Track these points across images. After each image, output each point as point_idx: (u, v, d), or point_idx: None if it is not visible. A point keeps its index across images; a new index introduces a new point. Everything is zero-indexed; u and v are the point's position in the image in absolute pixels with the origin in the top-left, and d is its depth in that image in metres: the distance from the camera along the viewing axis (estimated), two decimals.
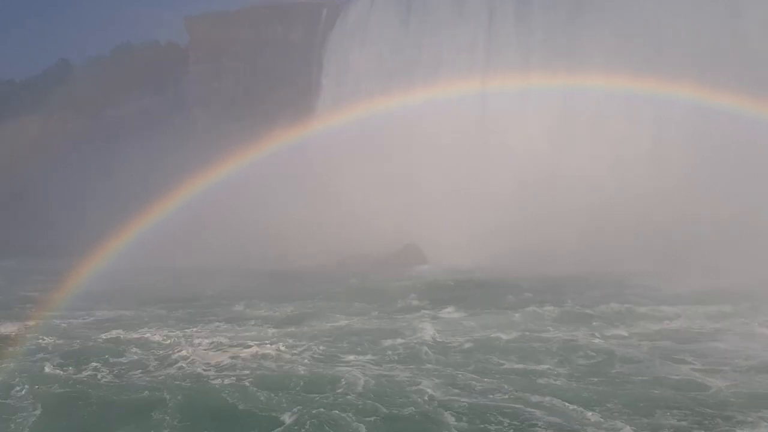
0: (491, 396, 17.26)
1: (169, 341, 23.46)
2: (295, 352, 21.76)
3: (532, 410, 16.13)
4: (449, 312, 28.70)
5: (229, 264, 49.55)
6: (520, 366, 19.94)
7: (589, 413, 15.89)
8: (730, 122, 45.18)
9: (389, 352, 21.57)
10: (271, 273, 44.92)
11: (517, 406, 16.43)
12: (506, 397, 17.16)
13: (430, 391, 17.57)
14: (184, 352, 21.56)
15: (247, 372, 19.52)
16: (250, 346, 22.14)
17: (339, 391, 17.77)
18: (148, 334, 24.57)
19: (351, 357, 21.17)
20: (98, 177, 60.40)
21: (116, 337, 24.23)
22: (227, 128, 61.22)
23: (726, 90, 45.46)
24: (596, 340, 22.60)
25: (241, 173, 55.90)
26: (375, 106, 57.50)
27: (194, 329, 25.88)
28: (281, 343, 22.62)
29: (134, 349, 22.44)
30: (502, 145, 53.75)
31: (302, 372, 19.32)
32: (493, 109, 56.18)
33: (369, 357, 21.11)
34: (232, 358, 21.09)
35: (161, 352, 22.09)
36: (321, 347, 22.29)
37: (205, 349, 22.24)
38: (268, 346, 22.24)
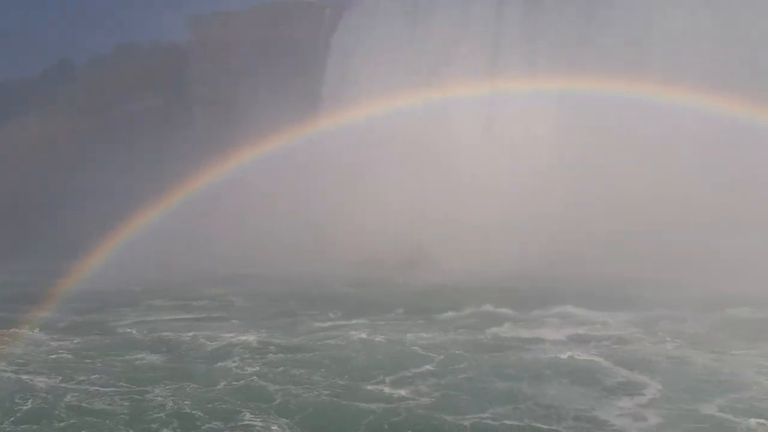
0: None
1: None
2: None
3: None
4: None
5: (228, 267, 50.08)
6: None
7: None
8: (742, 131, 46.25)
9: None
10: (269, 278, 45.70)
11: None
12: None
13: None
14: None
15: None
16: None
17: None
18: None
19: None
20: (100, 176, 60.54)
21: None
22: (230, 128, 61.55)
23: (737, 97, 46.47)
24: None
25: (243, 174, 56.31)
26: (379, 108, 57.88)
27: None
28: None
29: None
30: (508, 147, 54.39)
31: None
32: (500, 112, 56.78)
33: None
34: None
35: None
36: None
37: None
38: None
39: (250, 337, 25.48)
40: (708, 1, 50.69)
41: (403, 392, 18.67)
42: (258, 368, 21.06)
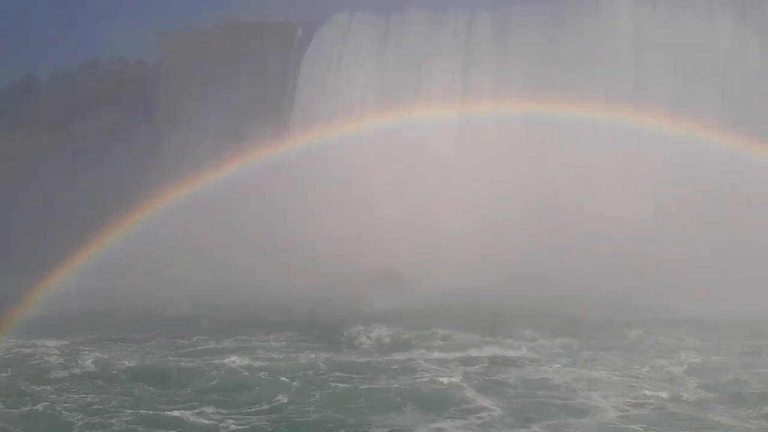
0: None
1: None
2: None
3: None
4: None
5: (189, 288, 49.62)
6: None
7: None
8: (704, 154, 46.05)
9: None
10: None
11: None
12: None
13: None
14: None
15: None
16: None
17: None
18: None
19: None
20: (63, 193, 60.61)
21: None
22: (197, 146, 61.53)
23: (701, 122, 46.31)
24: None
25: (209, 192, 56.15)
26: (349, 128, 57.88)
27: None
28: None
29: None
30: (478, 170, 54.15)
31: None
32: (469, 132, 56.66)
33: None
34: None
35: None
36: None
37: None
38: None
39: (124, 363, 24.79)
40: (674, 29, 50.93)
41: (224, 423, 18.35)
42: (78, 396, 20.76)
